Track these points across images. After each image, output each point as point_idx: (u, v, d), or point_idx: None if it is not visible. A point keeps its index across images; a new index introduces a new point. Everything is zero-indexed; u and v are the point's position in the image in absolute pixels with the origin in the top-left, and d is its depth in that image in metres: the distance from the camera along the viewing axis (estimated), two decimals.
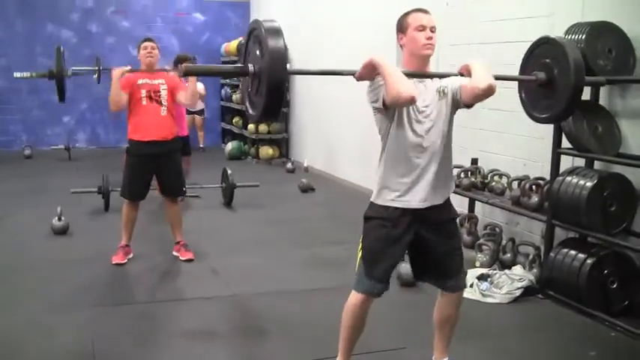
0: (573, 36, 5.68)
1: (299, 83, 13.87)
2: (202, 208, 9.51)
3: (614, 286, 5.47)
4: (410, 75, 3.74)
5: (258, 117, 3.51)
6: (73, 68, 9.07)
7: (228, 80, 15.64)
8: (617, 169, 5.68)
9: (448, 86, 3.89)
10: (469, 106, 3.88)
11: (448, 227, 4.11)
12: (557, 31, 5.93)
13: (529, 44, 6.54)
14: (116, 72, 6.56)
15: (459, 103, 3.88)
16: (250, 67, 3.45)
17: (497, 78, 3.77)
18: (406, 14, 3.91)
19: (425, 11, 3.90)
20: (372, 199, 4.02)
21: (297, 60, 13.77)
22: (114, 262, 6.72)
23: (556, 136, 5.90)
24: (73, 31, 15.62)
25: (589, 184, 5.45)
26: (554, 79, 4.05)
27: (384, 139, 3.93)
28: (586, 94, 5.86)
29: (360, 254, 4.03)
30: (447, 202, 4.06)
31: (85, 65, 15.01)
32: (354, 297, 4.01)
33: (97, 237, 6.65)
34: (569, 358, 4.91)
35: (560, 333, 5.33)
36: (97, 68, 12.60)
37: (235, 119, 15.13)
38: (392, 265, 4.01)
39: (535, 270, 6.15)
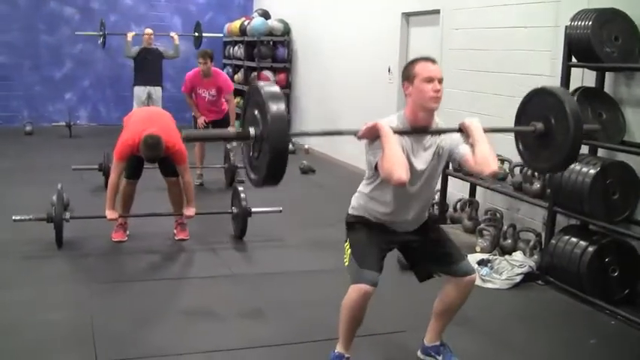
0: (580, 22, 5.65)
1: (301, 64, 13.83)
2: (204, 188, 9.51)
3: (615, 274, 5.46)
4: (410, 133, 3.81)
5: (261, 182, 3.44)
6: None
7: (231, 60, 15.59)
8: (621, 157, 5.67)
9: (445, 147, 3.94)
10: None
11: (429, 232, 4.20)
12: (564, 17, 5.92)
13: (536, 30, 6.54)
14: None
15: (453, 162, 4.03)
16: (251, 130, 3.37)
17: (495, 130, 3.78)
18: (413, 62, 3.89)
19: (433, 61, 3.87)
20: (350, 212, 4.16)
21: (301, 41, 13.74)
22: (114, 240, 6.74)
23: None
24: (76, 7, 15.52)
25: (592, 171, 5.43)
26: (553, 130, 3.96)
27: (369, 177, 4.02)
28: (591, 81, 5.85)
29: (348, 254, 4.06)
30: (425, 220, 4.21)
31: (87, 43, 15.12)
32: (355, 290, 3.91)
33: (97, 214, 6.61)
34: (568, 346, 4.89)
35: (560, 320, 5.33)
36: (101, 33, 12.80)
37: (237, 99, 15.05)
38: (381, 255, 4.02)
39: (536, 256, 6.14)
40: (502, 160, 6.86)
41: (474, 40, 7.68)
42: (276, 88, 3.31)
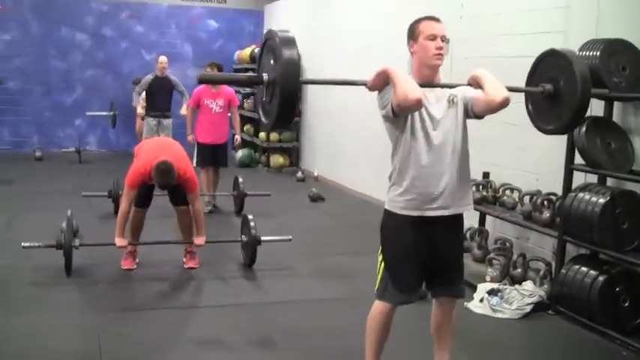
0: (588, 52, 5.67)
1: (311, 92, 13.87)
2: (212, 215, 9.51)
3: (626, 304, 5.43)
4: (420, 85, 3.75)
5: (272, 125, 3.54)
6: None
7: (240, 89, 15.65)
8: (630, 186, 5.65)
9: (458, 95, 3.93)
10: (480, 117, 3.91)
11: (458, 236, 4.16)
12: (571, 48, 5.91)
13: None
14: None
15: (469, 113, 3.92)
16: (264, 76, 3.47)
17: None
18: (418, 21, 3.93)
19: (436, 19, 3.92)
20: (386, 207, 4.03)
21: (308, 65, 13.79)
22: (124, 268, 6.73)
23: (569, 152, 5.88)
24: (87, 34, 15.65)
25: (601, 200, 5.42)
26: (561, 91, 4.03)
27: (395, 147, 3.94)
28: (599, 111, 5.86)
29: (381, 264, 4.03)
30: (461, 214, 4.07)
31: (97, 69, 15.24)
32: (380, 306, 4.03)
33: (107, 241, 6.63)
34: None
35: (571, 350, 5.31)
36: (112, 113, 13.03)
37: (246, 127, 15.11)
38: (417, 272, 3.99)
39: (546, 286, 6.12)
40: (511, 189, 6.87)
41: (484, 69, 7.68)
42: (290, 35, 3.44)
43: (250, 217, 6.96)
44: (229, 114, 9.90)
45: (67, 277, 6.43)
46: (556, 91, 4.04)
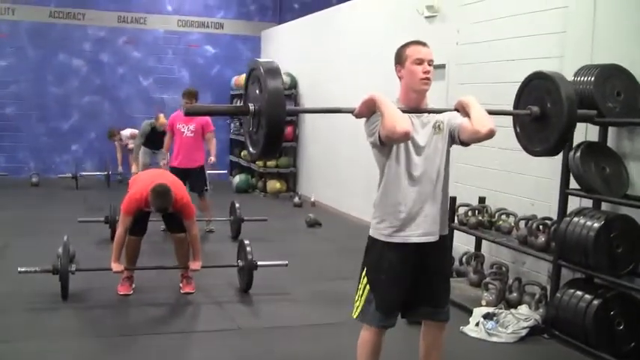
0: (582, 77, 5.71)
1: (307, 118, 13.89)
2: (209, 241, 9.52)
3: (621, 327, 5.44)
4: (406, 111, 3.79)
5: (259, 155, 3.54)
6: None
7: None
8: (625, 210, 5.67)
9: (444, 121, 3.95)
10: (465, 144, 3.93)
11: (444, 258, 4.18)
12: (567, 73, 5.96)
13: None
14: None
15: (455, 139, 3.95)
16: (251, 106, 3.47)
17: (492, 113, 3.83)
18: (405, 46, 3.96)
19: (423, 44, 3.94)
20: (370, 234, 4.06)
21: (305, 92, 13.84)
22: (120, 293, 6.73)
23: (564, 177, 5.92)
24: (84, 60, 15.73)
25: (596, 225, 5.44)
26: (547, 113, 4.05)
27: (381, 174, 3.99)
28: (594, 136, 5.89)
29: (365, 287, 4.03)
30: (445, 236, 4.10)
31: (94, 95, 15.30)
32: (368, 332, 4.04)
33: (103, 266, 6.63)
34: None
35: None
36: (106, 173, 13.05)
37: (243, 152, 15.09)
38: (400, 296, 4.00)
39: (541, 310, 6.12)
40: (507, 214, 6.89)
41: (480, 94, 7.67)
42: (275, 65, 3.42)
43: (247, 242, 6.97)
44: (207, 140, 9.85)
45: (64, 302, 6.42)
46: (543, 113, 4.06)
